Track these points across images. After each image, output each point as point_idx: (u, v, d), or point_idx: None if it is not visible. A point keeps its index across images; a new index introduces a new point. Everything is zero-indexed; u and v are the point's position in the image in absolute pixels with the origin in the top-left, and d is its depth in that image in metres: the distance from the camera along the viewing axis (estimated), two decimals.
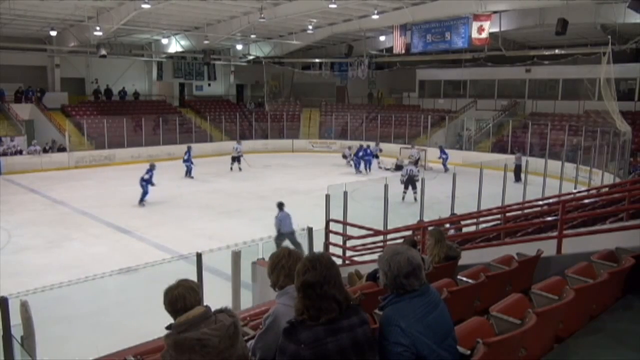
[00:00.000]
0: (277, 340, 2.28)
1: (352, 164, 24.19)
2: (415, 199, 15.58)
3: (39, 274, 9.97)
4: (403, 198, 16.62)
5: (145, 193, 16.51)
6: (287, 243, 10.36)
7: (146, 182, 16.44)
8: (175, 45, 29.84)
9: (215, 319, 2.39)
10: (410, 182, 16.72)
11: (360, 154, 23.58)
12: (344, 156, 25.75)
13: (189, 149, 22.03)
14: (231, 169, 23.51)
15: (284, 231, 10.95)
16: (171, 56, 31.69)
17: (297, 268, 2.34)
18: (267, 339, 2.56)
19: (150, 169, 16.70)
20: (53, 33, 24.15)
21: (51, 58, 28.37)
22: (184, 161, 21.86)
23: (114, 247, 12.31)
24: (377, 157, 25.00)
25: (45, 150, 24.41)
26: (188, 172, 21.68)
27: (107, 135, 25.97)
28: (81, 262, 10.81)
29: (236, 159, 23.52)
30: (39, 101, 27.28)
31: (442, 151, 24.17)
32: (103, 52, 24.93)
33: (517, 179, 18.56)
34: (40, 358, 5.42)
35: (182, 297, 2.49)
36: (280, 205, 11.25)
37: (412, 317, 2.29)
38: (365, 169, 23.37)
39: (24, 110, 26.05)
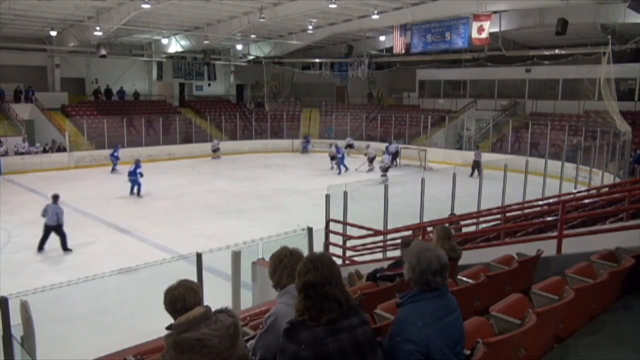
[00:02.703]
0: (277, 340, 2.28)
1: (335, 166, 23.65)
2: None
3: (39, 274, 9.99)
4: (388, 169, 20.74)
5: (140, 185, 17.89)
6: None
7: (141, 175, 17.82)
8: (175, 45, 29.86)
9: (216, 319, 2.39)
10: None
11: (340, 154, 23.52)
12: (332, 157, 24.01)
13: (137, 162, 18.16)
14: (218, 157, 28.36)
15: (46, 223, 11.68)
16: (171, 56, 31.71)
17: (298, 268, 2.32)
18: (267, 339, 2.55)
19: (140, 164, 18.10)
20: (53, 33, 24.17)
21: (51, 58, 28.37)
22: (130, 175, 17.94)
23: (114, 247, 12.32)
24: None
25: (45, 150, 24.39)
26: (132, 189, 17.97)
27: (107, 135, 26.01)
28: (81, 262, 10.84)
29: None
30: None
31: (392, 145, 24.73)
32: (103, 52, 24.94)
33: (473, 174, 20.61)
34: (40, 358, 5.42)
35: (182, 297, 2.48)
36: (53, 198, 11.94)
37: (429, 318, 2.29)
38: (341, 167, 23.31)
39: (24, 110, 26.06)
